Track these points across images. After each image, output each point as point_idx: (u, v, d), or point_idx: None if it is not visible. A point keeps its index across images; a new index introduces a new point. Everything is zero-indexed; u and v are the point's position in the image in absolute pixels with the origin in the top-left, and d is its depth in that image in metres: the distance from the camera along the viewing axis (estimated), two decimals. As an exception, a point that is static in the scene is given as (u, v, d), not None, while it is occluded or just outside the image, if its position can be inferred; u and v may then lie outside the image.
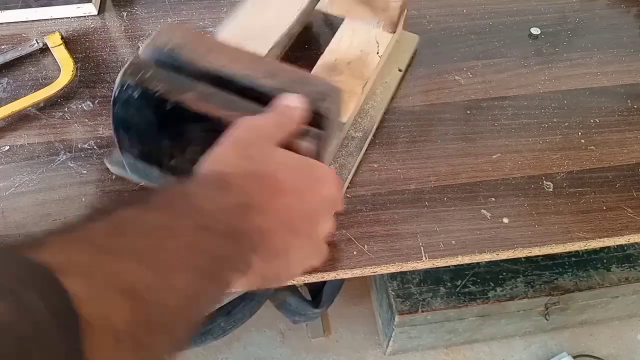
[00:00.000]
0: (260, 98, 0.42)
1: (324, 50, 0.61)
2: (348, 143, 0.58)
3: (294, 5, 0.62)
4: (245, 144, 0.36)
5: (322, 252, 0.39)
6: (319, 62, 0.60)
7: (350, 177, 0.56)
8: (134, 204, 0.28)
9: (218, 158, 0.35)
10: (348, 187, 0.56)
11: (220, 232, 0.29)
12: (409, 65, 0.67)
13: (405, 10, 0.65)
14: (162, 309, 0.25)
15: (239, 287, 0.36)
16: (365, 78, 0.59)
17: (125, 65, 0.42)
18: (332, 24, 0.65)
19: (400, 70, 0.65)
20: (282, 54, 0.56)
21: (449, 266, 1.05)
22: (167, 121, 0.42)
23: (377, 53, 0.61)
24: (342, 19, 0.64)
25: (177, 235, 0.27)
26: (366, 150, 0.59)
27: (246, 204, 0.32)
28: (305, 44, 0.68)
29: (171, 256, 0.26)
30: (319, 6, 0.65)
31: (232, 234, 0.30)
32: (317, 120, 0.42)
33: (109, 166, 0.53)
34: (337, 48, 0.62)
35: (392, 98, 0.64)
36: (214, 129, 0.41)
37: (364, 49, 0.62)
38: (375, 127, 0.60)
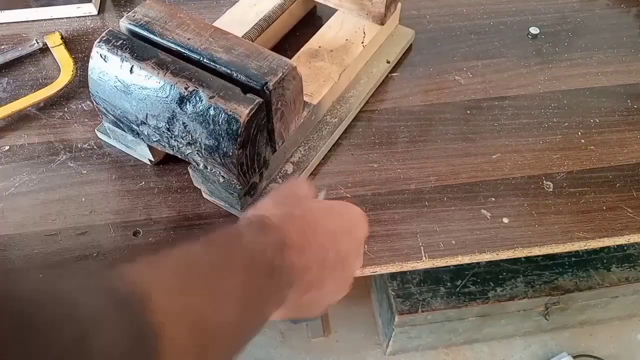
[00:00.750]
0: (216, 70, 0.46)
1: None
2: (322, 128, 0.59)
3: None
4: (282, 196, 0.42)
5: (349, 286, 0.43)
6: (302, 49, 0.61)
7: (317, 160, 0.57)
8: (200, 238, 0.33)
9: (259, 206, 0.40)
10: (347, 187, 0.56)
11: (263, 271, 0.33)
12: (402, 59, 0.68)
13: (398, 4, 0.65)
14: (219, 333, 0.29)
15: (274, 318, 0.39)
16: (344, 65, 0.59)
17: (103, 34, 0.46)
18: (329, 18, 0.65)
19: (388, 62, 0.66)
20: (260, 34, 0.59)
21: (449, 266, 1.05)
22: (130, 87, 0.46)
23: (362, 43, 0.62)
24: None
25: (232, 274, 0.32)
26: (366, 149, 0.59)
27: (282, 242, 0.35)
28: (299, 35, 0.68)
29: (226, 291, 0.31)
30: None
31: (271, 271, 0.34)
32: (265, 93, 0.45)
33: (97, 134, 0.58)
34: (324, 37, 0.62)
35: (395, 90, 0.64)
36: (164, 94, 0.45)
37: (349, 38, 0.62)
38: (352, 115, 0.61)
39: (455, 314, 1.08)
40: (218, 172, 0.48)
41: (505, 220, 0.54)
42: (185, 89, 0.44)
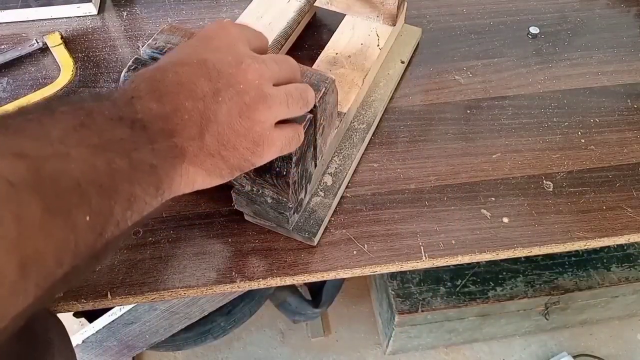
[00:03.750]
0: None
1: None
2: (352, 135, 0.58)
3: (291, 5, 0.63)
4: (200, 39, 0.38)
5: (279, 136, 0.38)
6: (320, 57, 0.61)
7: (353, 167, 0.56)
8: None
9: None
10: (348, 187, 0.56)
11: (106, 118, 0.30)
12: (412, 58, 0.68)
13: (405, 3, 0.65)
14: (64, 173, 0.26)
15: (198, 183, 0.36)
16: (366, 70, 0.59)
17: (129, 62, 0.44)
18: (332, 23, 0.65)
19: (403, 62, 0.66)
20: (280, 50, 0.57)
21: (448, 266, 1.05)
22: None
23: (378, 45, 0.62)
24: (343, 16, 0.65)
25: (57, 120, 0.28)
26: (366, 149, 0.59)
27: (129, 92, 0.32)
28: (307, 42, 0.68)
29: (54, 132, 0.27)
30: (319, 4, 0.66)
31: (122, 121, 0.30)
32: (312, 110, 0.44)
33: None
34: (338, 43, 0.62)
35: (395, 90, 0.64)
36: None
37: (364, 42, 0.62)
38: (378, 118, 0.61)
39: (455, 313, 1.08)
40: (267, 193, 0.47)
41: (505, 220, 0.54)
42: None
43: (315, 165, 0.50)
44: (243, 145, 0.35)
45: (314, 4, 0.63)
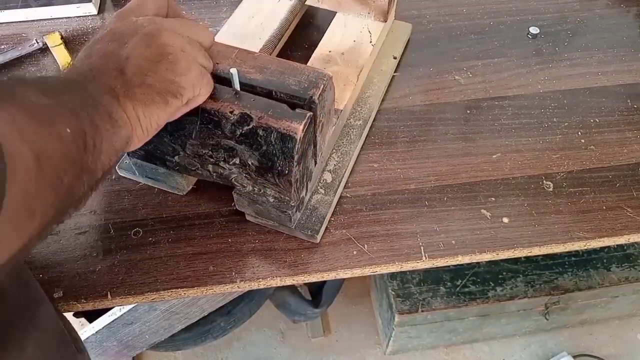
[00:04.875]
0: (254, 90, 0.45)
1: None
2: (349, 132, 0.58)
3: (282, 5, 0.63)
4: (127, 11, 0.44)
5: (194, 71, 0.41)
6: (313, 56, 0.61)
7: (352, 163, 0.57)
8: None
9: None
10: (347, 187, 0.56)
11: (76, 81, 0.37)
12: (411, 58, 0.68)
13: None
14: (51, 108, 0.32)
15: (150, 111, 0.39)
16: (360, 67, 0.59)
17: None
18: (325, 20, 0.65)
19: (395, 57, 0.66)
20: (274, 50, 0.58)
21: (448, 266, 1.05)
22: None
23: (370, 42, 0.62)
24: (334, 14, 0.65)
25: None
26: (366, 149, 0.59)
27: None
28: (299, 41, 0.68)
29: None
30: (310, 2, 0.66)
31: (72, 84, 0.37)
32: (310, 106, 0.44)
33: (118, 171, 0.55)
34: (331, 41, 0.62)
35: (395, 90, 0.64)
36: (207, 121, 0.44)
37: (356, 39, 0.62)
38: (374, 114, 0.61)
39: (455, 313, 1.08)
40: (269, 193, 0.47)
41: (505, 220, 0.54)
42: (231, 112, 0.43)
43: (316, 163, 0.50)
44: (162, 67, 0.39)
45: (305, 3, 0.63)
